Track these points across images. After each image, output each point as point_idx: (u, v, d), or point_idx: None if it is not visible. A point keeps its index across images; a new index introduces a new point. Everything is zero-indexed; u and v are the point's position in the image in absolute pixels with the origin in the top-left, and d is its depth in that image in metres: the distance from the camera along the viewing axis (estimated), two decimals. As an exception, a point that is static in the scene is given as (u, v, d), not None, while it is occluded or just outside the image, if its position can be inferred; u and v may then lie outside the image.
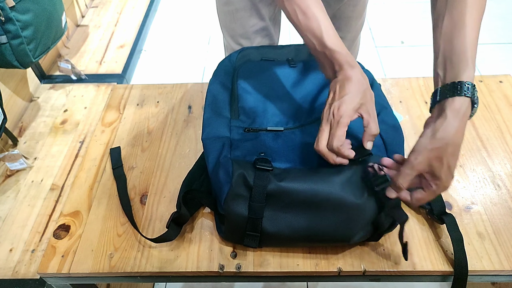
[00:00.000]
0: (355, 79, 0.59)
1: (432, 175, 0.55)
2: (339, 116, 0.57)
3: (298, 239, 0.61)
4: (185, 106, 0.92)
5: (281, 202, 0.58)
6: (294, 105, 0.74)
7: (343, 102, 0.58)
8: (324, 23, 0.63)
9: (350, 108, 0.57)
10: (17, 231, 1.18)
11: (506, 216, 0.68)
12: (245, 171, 0.59)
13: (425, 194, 0.56)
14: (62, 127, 1.51)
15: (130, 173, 0.79)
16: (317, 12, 0.63)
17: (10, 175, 1.34)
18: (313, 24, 0.63)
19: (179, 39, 2.23)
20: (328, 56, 0.62)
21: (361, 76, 0.60)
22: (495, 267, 0.62)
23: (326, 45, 0.62)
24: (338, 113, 0.57)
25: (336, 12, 0.91)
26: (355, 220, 0.58)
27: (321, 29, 0.62)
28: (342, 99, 0.58)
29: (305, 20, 0.63)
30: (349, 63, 0.61)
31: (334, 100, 0.59)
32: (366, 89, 0.60)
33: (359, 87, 0.59)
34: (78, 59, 1.87)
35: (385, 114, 0.71)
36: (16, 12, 1.21)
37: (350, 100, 0.58)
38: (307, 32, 0.64)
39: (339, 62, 0.61)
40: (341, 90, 0.59)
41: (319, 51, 0.63)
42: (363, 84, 0.60)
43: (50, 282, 0.68)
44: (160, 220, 0.70)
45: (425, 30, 2.19)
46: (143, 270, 0.64)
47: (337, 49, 0.61)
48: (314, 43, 0.63)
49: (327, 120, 0.59)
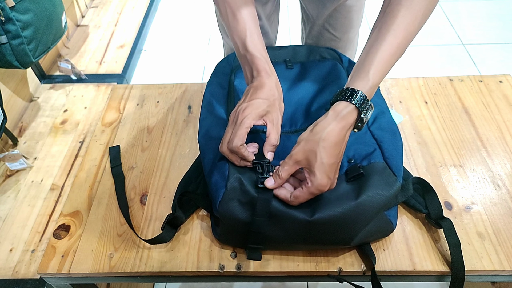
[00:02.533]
0: (267, 87, 0.60)
1: (308, 170, 0.55)
2: (243, 117, 0.58)
3: (296, 243, 0.61)
4: (185, 106, 0.92)
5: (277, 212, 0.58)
6: (291, 107, 0.74)
7: (249, 105, 0.59)
8: (250, 27, 0.64)
9: (255, 112, 0.58)
10: (17, 231, 1.18)
11: (506, 216, 0.68)
12: (241, 174, 0.59)
13: (301, 191, 0.55)
14: (62, 127, 1.51)
15: (130, 173, 0.79)
16: (246, 15, 0.64)
17: (10, 175, 1.34)
18: (239, 27, 0.64)
19: (179, 39, 2.23)
20: (249, 60, 0.63)
21: (274, 85, 0.62)
22: (495, 267, 0.62)
23: (248, 49, 0.63)
24: (242, 114, 0.58)
25: (332, 12, 0.91)
26: (354, 224, 0.58)
27: (246, 33, 0.63)
28: (250, 102, 0.59)
29: (233, 21, 0.64)
30: (266, 70, 0.62)
31: (243, 102, 0.60)
32: (277, 99, 0.61)
33: (270, 95, 0.60)
34: (78, 59, 1.87)
35: (382, 119, 0.71)
36: (16, 12, 1.21)
37: (257, 104, 0.59)
38: (234, 34, 0.65)
39: (257, 68, 0.62)
40: (251, 95, 0.60)
41: (242, 54, 0.64)
42: (274, 94, 0.61)
43: (50, 282, 0.68)
44: (160, 220, 0.70)
45: (425, 30, 2.18)
46: (143, 270, 0.64)
47: (257, 55, 0.62)
48: (238, 45, 0.64)
49: (232, 121, 0.60)
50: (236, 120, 0.58)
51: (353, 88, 0.56)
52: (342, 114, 0.55)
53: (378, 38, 0.59)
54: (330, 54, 0.88)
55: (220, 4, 0.65)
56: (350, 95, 0.56)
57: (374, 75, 0.57)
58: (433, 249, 0.64)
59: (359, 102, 0.55)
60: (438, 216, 0.65)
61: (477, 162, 0.77)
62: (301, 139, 0.56)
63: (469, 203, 0.71)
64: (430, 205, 0.66)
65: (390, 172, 0.61)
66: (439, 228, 0.65)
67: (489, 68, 1.90)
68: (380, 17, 0.62)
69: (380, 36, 0.59)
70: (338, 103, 0.56)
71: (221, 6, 0.65)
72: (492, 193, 0.72)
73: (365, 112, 0.56)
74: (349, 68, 0.84)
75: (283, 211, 0.57)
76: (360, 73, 0.58)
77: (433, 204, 0.66)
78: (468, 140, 0.81)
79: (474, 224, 0.67)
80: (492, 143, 0.80)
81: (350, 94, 0.56)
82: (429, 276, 0.63)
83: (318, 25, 0.95)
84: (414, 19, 0.58)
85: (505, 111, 0.87)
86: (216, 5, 0.67)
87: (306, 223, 0.56)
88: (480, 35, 2.09)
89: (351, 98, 0.55)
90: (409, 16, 0.58)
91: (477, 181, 0.74)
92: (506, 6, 2.29)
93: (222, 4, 0.65)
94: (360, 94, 0.56)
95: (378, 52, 0.58)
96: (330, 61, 0.84)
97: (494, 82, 0.93)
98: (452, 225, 0.63)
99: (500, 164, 0.77)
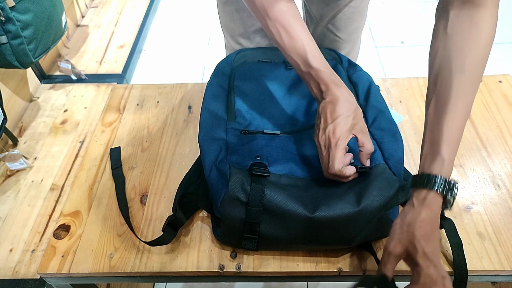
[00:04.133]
0: (343, 99, 0.59)
1: (412, 263, 0.53)
2: (336, 139, 0.57)
3: (296, 242, 0.61)
4: (185, 106, 0.92)
5: (277, 209, 0.58)
6: (291, 108, 0.74)
7: (337, 125, 0.57)
8: (308, 43, 0.63)
9: (345, 130, 0.57)
10: (17, 231, 1.18)
11: (506, 216, 0.68)
12: (243, 175, 0.59)
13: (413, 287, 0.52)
14: (62, 127, 1.51)
15: (130, 173, 0.79)
16: (300, 32, 0.63)
17: (10, 175, 1.34)
18: (297, 44, 0.62)
19: (179, 39, 2.23)
20: (314, 76, 0.62)
21: (348, 94, 0.60)
22: (495, 267, 0.62)
23: (311, 65, 0.62)
24: (334, 137, 0.57)
25: (336, 13, 0.91)
26: (354, 225, 0.58)
27: (305, 49, 0.62)
28: (335, 121, 0.58)
29: (289, 40, 0.63)
30: (334, 82, 0.61)
31: (327, 123, 0.59)
32: (356, 108, 0.60)
33: (349, 107, 0.59)
34: (78, 59, 1.87)
35: (382, 119, 0.71)
36: (16, 12, 1.21)
37: (343, 122, 0.58)
38: (291, 53, 0.63)
39: (324, 82, 0.61)
40: (332, 113, 0.59)
41: (304, 71, 0.63)
42: (352, 103, 0.60)
43: (50, 282, 0.68)
44: (160, 221, 0.70)
45: (425, 30, 2.19)
46: (143, 270, 0.64)
47: (322, 69, 0.61)
48: (298, 63, 0.63)
49: (324, 146, 0.59)
50: (329, 144, 0.57)
51: (429, 174, 0.54)
52: (427, 202, 0.53)
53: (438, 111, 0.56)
54: (330, 55, 0.87)
55: (271, 26, 0.64)
56: (427, 181, 0.53)
57: (448, 154, 0.54)
58: (433, 249, 0.64)
59: (440, 186, 0.53)
60: (440, 216, 0.65)
61: (477, 162, 0.77)
62: (393, 232, 0.54)
63: (469, 203, 0.71)
64: None
65: (390, 172, 0.61)
66: (441, 229, 0.65)
67: (489, 68, 1.90)
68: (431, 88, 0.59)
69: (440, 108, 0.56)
70: (419, 191, 0.54)
71: (272, 27, 0.64)
72: (492, 193, 0.72)
73: (450, 193, 0.53)
74: (348, 68, 0.84)
75: (283, 207, 0.57)
76: (433, 156, 0.55)
77: None
78: (468, 140, 0.81)
79: (474, 224, 0.67)
80: (492, 143, 0.80)
81: (428, 181, 0.53)
82: (429, 276, 0.63)
83: (321, 26, 0.95)
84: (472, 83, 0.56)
85: (505, 111, 0.87)
86: (265, 28, 0.65)
87: (307, 220, 0.56)
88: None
89: (429, 185, 0.53)
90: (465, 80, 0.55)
91: (477, 181, 0.74)
92: (506, 6, 2.29)
93: (273, 26, 0.63)
94: (438, 178, 0.53)
95: (443, 129, 0.55)
96: (330, 62, 0.83)
97: (493, 82, 0.93)
98: (453, 225, 0.63)
99: (500, 164, 0.77)
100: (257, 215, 0.58)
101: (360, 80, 0.79)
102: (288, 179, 0.62)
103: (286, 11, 0.63)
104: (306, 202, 0.57)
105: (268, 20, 0.64)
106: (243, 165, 0.62)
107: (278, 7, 0.62)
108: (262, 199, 0.57)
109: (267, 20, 0.64)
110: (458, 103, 0.55)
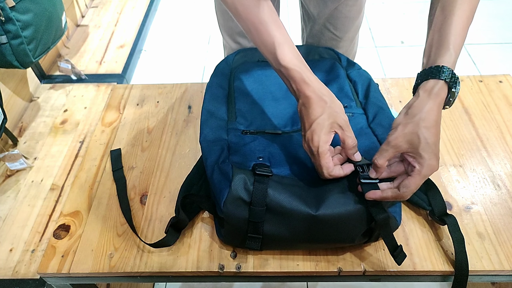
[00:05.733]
0: (315, 99, 0.58)
1: (413, 154, 0.54)
2: (316, 148, 0.56)
3: (300, 240, 0.61)
4: (185, 106, 0.92)
5: (281, 208, 0.58)
6: (292, 107, 0.74)
7: (313, 132, 0.57)
8: (279, 39, 0.60)
9: (322, 134, 0.56)
10: (17, 231, 1.18)
11: (506, 216, 0.68)
12: (245, 174, 0.59)
13: (411, 179, 0.53)
14: (62, 127, 1.51)
15: (130, 173, 0.79)
16: (271, 28, 0.60)
17: (10, 175, 1.34)
18: (266, 41, 0.61)
19: (179, 39, 2.23)
20: (285, 74, 0.61)
21: (319, 91, 0.58)
22: (495, 267, 0.62)
23: (280, 62, 0.60)
24: (314, 145, 0.57)
25: (334, 11, 0.91)
26: (357, 223, 0.58)
27: (274, 45, 0.60)
28: (311, 128, 0.57)
29: (258, 36, 0.61)
30: (304, 80, 0.59)
31: (305, 131, 0.59)
32: (331, 104, 0.58)
33: (322, 105, 0.57)
34: (78, 59, 1.87)
35: (382, 116, 0.71)
36: (16, 12, 1.21)
37: (319, 127, 0.57)
38: (262, 50, 0.62)
39: (295, 81, 0.59)
40: (308, 118, 0.58)
41: (276, 69, 0.62)
42: (325, 100, 0.58)
43: (50, 282, 0.68)
44: (160, 221, 0.70)
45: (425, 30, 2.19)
46: (143, 270, 0.64)
47: (291, 66, 0.59)
48: (271, 61, 0.62)
49: (310, 153, 0.59)
50: (312, 152, 0.58)
51: (438, 65, 0.56)
52: (435, 91, 0.55)
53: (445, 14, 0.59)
54: (329, 54, 0.87)
55: (242, 23, 0.63)
56: (436, 72, 0.55)
57: (455, 47, 0.57)
58: (434, 248, 0.64)
59: (448, 77, 0.55)
60: (442, 213, 0.65)
61: (477, 162, 0.77)
62: (396, 124, 0.56)
63: (469, 203, 0.71)
64: (433, 201, 0.66)
65: None
66: (443, 225, 0.65)
67: (489, 68, 1.90)
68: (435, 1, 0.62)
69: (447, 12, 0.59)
70: (426, 82, 0.56)
71: (243, 25, 0.63)
72: (492, 193, 0.72)
73: (455, 85, 0.55)
74: (347, 67, 0.84)
75: (287, 206, 0.57)
76: (441, 50, 0.57)
77: (436, 200, 0.66)
78: (468, 140, 0.81)
79: (474, 224, 0.67)
80: (492, 143, 0.80)
81: (437, 71, 0.55)
82: (430, 275, 0.63)
83: (319, 24, 0.95)
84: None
85: (505, 111, 0.87)
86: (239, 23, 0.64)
87: (310, 218, 0.56)
88: (480, 35, 2.09)
89: (438, 75, 0.55)
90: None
91: (477, 181, 0.74)
92: (506, 6, 2.29)
93: (244, 23, 0.63)
94: (447, 69, 0.55)
95: (451, 26, 0.57)
96: (329, 61, 0.84)
97: (494, 82, 0.93)
98: (456, 221, 0.63)
99: (500, 164, 0.77)
100: (261, 215, 0.58)
101: (360, 78, 0.80)
102: (290, 179, 0.62)
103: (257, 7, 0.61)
104: (309, 201, 0.57)
105: (239, 18, 0.63)
106: (245, 166, 0.62)
107: (247, 3, 0.61)
108: (265, 198, 0.57)
109: (238, 18, 0.63)
110: (464, 6, 0.58)
